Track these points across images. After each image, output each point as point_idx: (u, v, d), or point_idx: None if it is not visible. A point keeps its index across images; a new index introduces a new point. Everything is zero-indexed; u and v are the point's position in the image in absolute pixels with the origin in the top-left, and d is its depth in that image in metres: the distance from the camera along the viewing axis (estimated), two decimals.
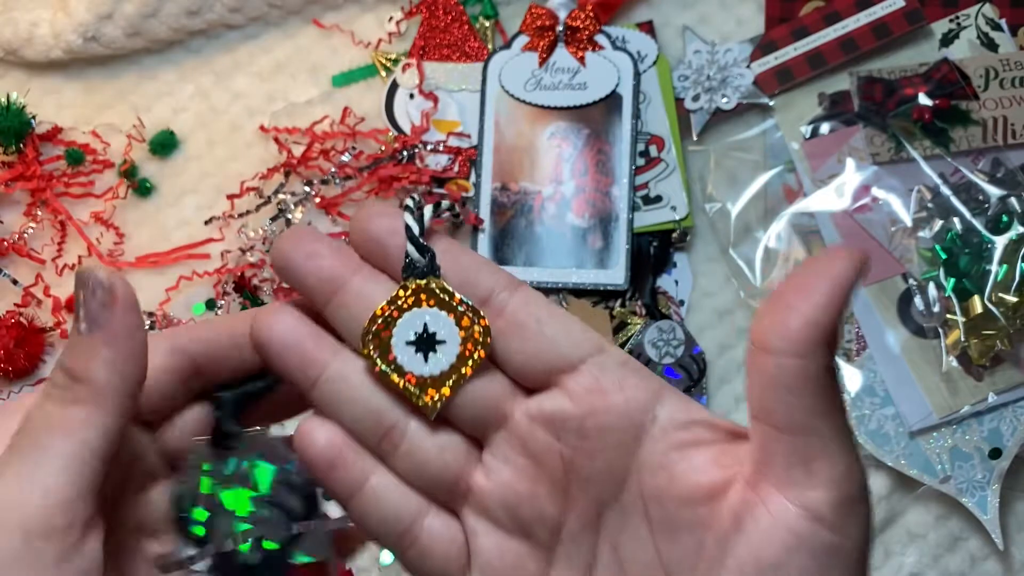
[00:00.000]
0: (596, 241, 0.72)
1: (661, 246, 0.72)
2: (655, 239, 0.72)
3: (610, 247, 0.72)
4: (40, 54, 0.73)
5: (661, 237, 0.72)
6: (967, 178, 0.70)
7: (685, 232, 0.72)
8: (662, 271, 0.73)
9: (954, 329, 0.69)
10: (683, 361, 0.71)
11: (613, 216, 0.72)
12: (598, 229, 0.72)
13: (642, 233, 0.72)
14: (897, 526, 0.70)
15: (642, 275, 0.72)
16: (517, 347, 0.36)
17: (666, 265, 0.73)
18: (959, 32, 0.73)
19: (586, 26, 0.73)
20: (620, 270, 0.71)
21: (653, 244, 0.72)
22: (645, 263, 0.72)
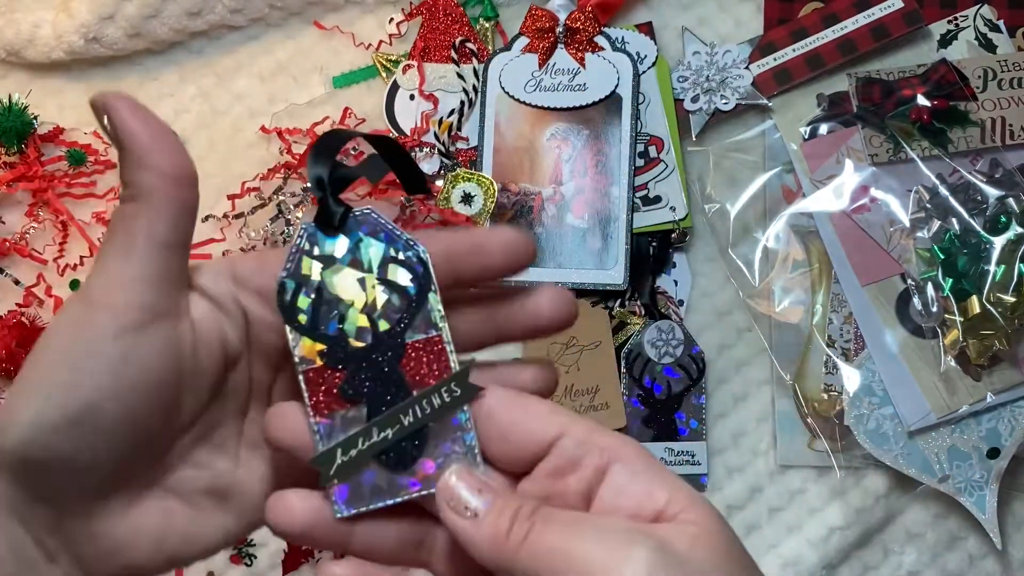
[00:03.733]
0: (595, 241, 0.72)
1: (660, 246, 0.73)
2: (654, 239, 0.73)
3: (609, 247, 0.72)
4: (42, 55, 0.73)
5: (660, 237, 0.73)
6: (965, 179, 0.70)
7: (684, 232, 0.73)
8: (661, 271, 0.73)
9: (952, 329, 0.69)
10: (682, 361, 0.72)
11: (612, 216, 0.72)
12: (598, 229, 0.72)
13: (642, 233, 0.72)
14: (896, 525, 0.71)
15: (642, 275, 0.72)
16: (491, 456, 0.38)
17: (665, 265, 0.73)
18: (957, 33, 0.73)
19: (586, 28, 0.73)
20: (619, 270, 0.72)
21: (652, 244, 0.72)
22: (645, 263, 0.72)
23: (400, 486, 0.38)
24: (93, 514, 0.37)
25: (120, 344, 0.36)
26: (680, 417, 0.71)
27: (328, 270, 0.38)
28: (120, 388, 0.36)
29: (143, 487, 0.38)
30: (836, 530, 0.70)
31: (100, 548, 0.38)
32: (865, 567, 0.70)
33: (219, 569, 0.69)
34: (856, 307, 0.70)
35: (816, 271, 0.72)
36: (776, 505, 0.71)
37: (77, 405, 0.35)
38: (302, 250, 0.38)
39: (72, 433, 0.35)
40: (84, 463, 0.36)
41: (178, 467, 0.39)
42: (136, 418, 0.36)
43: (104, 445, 0.36)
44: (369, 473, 0.38)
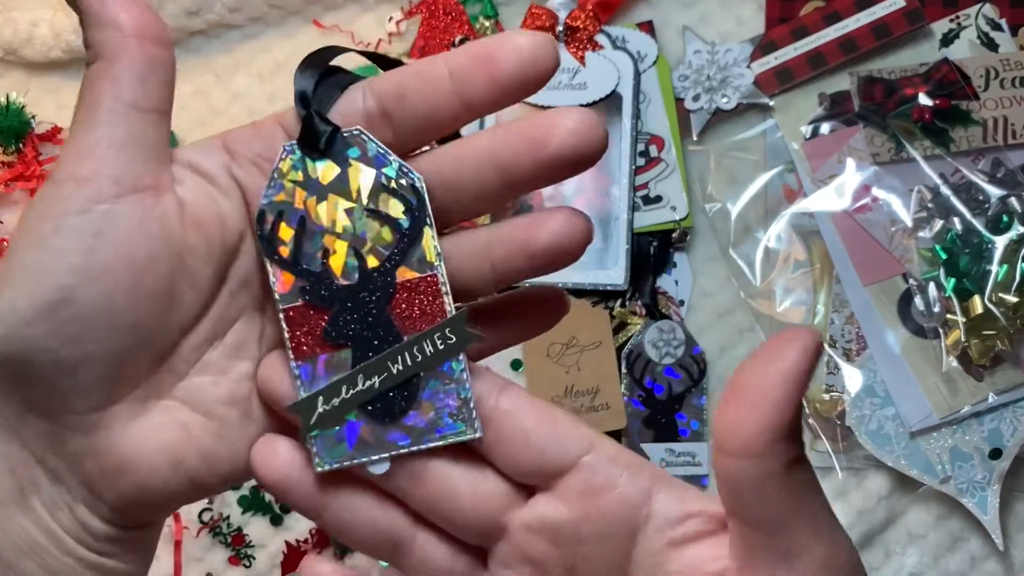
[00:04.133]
0: (596, 241, 0.72)
1: (661, 246, 0.72)
2: (655, 239, 0.72)
3: (610, 247, 0.72)
4: (40, 54, 0.73)
5: (661, 237, 0.72)
6: (967, 178, 0.70)
7: (685, 232, 0.72)
8: (662, 271, 0.73)
9: (954, 329, 0.69)
10: (683, 361, 0.71)
11: (613, 216, 0.72)
12: (598, 229, 0.72)
13: (642, 233, 0.72)
14: (897, 526, 0.70)
15: (642, 275, 0.72)
16: (506, 458, 0.35)
17: (666, 265, 0.73)
18: (959, 32, 0.73)
19: (586, 26, 0.73)
20: (620, 270, 0.71)
21: (653, 244, 0.72)
22: (645, 263, 0.72)
23: (387, 441, 0.35)
24: (96, 426, 0.34)
25: (89, 218, 0.32)
26: (681, 418, 0.71)
27: (312, 197, 0.34)
28: (94, 268, 0.32)
29: (150, 395, 0.35)
30: None
31: (107, 466, 0.34)
32: (867, 568, 0.70)
33: (218, 570, 0.69)
34: (858, 307, 0.70)
35: (817, 271, 0.71)
36: None
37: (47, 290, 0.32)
38: (284, 174, 0.34)
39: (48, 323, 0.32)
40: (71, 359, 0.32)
41: (190, 373, 0.35)
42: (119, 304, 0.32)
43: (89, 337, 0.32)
44: (353, 424, 0.35)
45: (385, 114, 0.34)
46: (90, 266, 0.32)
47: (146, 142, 0.33)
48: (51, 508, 0.35)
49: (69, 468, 0.34)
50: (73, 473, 0.34)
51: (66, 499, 0.35)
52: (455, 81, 0.33)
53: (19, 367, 0.32)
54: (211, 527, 0.68)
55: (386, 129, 0.34)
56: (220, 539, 0.69)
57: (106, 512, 0.35)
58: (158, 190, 0.33)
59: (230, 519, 0.69)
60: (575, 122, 0.32)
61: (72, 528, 0.35)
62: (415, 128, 0.34)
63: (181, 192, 0.34)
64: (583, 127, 0.32)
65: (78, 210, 0.32)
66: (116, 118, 0.33)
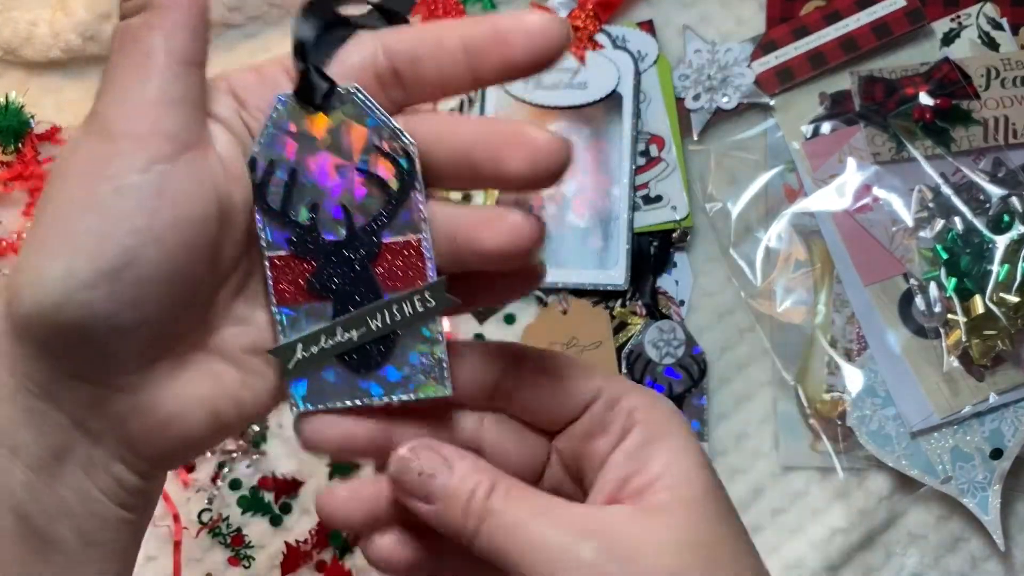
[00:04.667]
0: (596, 241, 0.72)
1: (661, 246, 0.72)
2: (655, 239, 0.72)
3: (610, 247, 0.72)
4: (39, 53, 0.73)
5: (661, 237, 0.72)
6: (968, 178, 0.70)
7: (685, 232, 0.72)
8: (662, 271, 0.73)
9: (955, 329, 0.69)
10: (683, 361, 0.71)
11: (613, 216, 0.72)
12: (598, 229, 0.72)
13: (642, 233, 0.72)
14: (898, 527, 0.70)
15: (642, 275, 0.72)
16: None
17: (666, 265, 0.73)
18: (960, 31, 0.73)
19: (586, 25, 0.73)
20: (620, 270, 0.71)
21: (653, 244, 0.72)
22: (645, 263, 0.72)
23: (361, 390, 0.36)
24: (139, 386, 0.34)
25: (151, 177, 0.31)
26: None
27: (305, 151, 0.35)
28: (158, 229, 0.31)
29: (189, 350, 0.35)
30: (838, 532, 0.70)
31: (149, 422, 0.34)
32: (867, 569, 0.70)
33: (217, 570, 0.69)
34: (858, 307, 0.70)
35: (818, 271, 0.71)
36: (778, 507, 0.71)
37: (112, 254, 0.31)
38: (278, 125, 0.35)
39: (111, 288, 0.31)
40: (128, 322, 0.32)
41: (222, 324, 0.36)
42: (180, 264, 0.32)
43: (149, 299, 0.32)
44: (330, 372, 0.36)
45: (396, 74, 0.34)
46: (152, 227, 0.32)
47: (194, 98, 0.33)
48: (88, 470, 0.35)
49: (111, 428, 0.34)
50: (115, 433, 0.34)
51: (104, 460, 0.35)
52: (468, 55, 0.33)
53: (74, 334, 0.32)
54: (211, 527, 0.68)
55: (396, 89, 0.35)
56: (220, 539, 0.69)
57: (143, 466, 0.35)
58: (205, 146, 0.33)
59: (230, 519, 0.69)
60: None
61: (108, 487, 0.35)
62: (423, 91, 0.35)
63: (218, 147, 0.34)
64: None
65: (139, 169, 0.31)
66: (171, 75, 0.32)
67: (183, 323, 0.34)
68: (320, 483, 0.69)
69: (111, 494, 0.35)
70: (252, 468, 0.69)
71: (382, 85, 0.35)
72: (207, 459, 0.69)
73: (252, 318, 0.36)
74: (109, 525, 0.36)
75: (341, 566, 0.69)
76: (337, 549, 0.69)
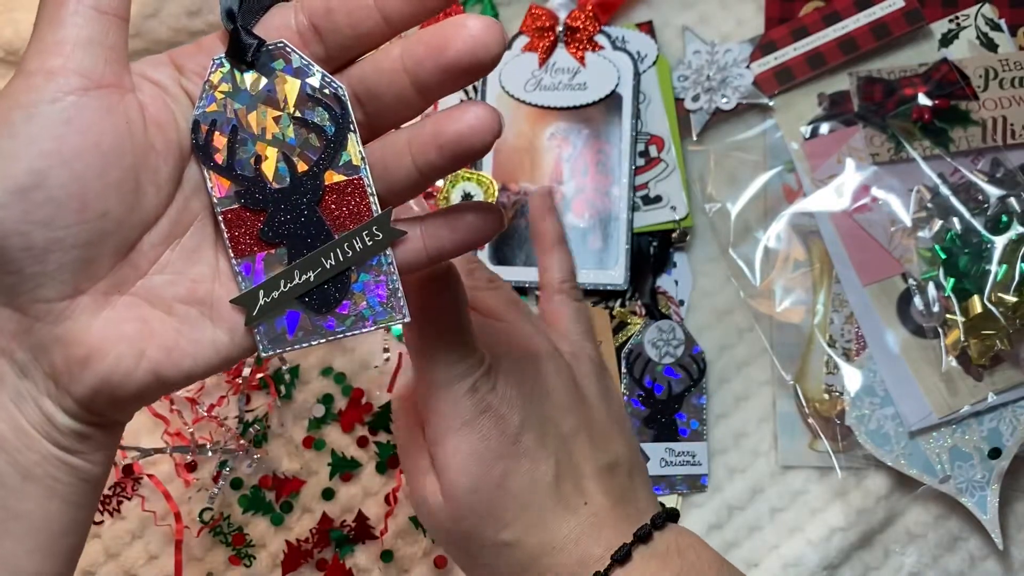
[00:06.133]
0: (596, 241, 0.72)
1: (661, 246, 0.72)
2: (655, 239, 0.72)
3: (610, 247, 0.72)
4: None
5: (661, 237, 0.73)
6: (967, 178, 0.70)
7: (685, 232, 0.73)
8: (662, 271, 0.73)
9: (954, 329, 0.69)
10: (683, 361, 0.71)
11: (613, 216, 0.72)
12: (598, 229, 0.72)
13: (642, 233, 0.72)
14: (897, 526, 0.70)
15: (642, 275, 0.72)
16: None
17: (666, 265, 0.73)
18: (959, 32, 0.73)
19: (586, 26, 0.73)
20: (620, 270, 0.71)
21: (653, 244, 0.72)
22: (645, 263, 0.72)
23: (323, 328, 0.38)
24: (60, 317, 0.36)
25: (59, 107, 0.34)
26: (681, 417, 0.71)
27: (243, 107, 0.37)
28: (65, 153, 0.34)
29: (113, 290, 0.37)
30: (837, 531, 0.70)
31: (72, 356, 0.36)
32: (866, 568, 0.70)
33: (218, 570, 0.69)
34: (857, 307, 0.70)
35: (817, 271, 0.72)
36: (777, 506, 0.71)
37: (20, 172, 0.34)
38: (215, 86, 0.37)
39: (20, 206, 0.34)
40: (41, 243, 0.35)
41: (149, 271, 0.38)
42: (88, 191, 0.35)
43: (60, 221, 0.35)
44: (292, 314, 0.38)
45: (315, 29, 0.37)
46: (60, 151, 0.34)
47: (107, 43, 0.36)
48: (18, 402, 0.37)
49: (36, 359, 0.37)
50: (40, 365, 0.37)
51: (33, 393, 0.37)
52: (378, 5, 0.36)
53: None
54: (212, 526, 0.68)
55: (316, 44, 0.37)
56: (220, 539, 0.69)
57: (72, 406, 0.37)
58: (121, 88, 0.36)
59: (230, 519, 0.69)
60: (474, 28, 0.35)
61: (39, 422, 0.37)
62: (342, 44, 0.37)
63: (140, 96, 0.37)
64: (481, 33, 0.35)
65: (49, 99, 0.34)
66: (80, 19, 0.35)
67: (102, 254, 0.36)
68: (321, 482, 0.70)
69: (43, 430, 0.37)
70: (253, 467, 0.69)
71: (304, 42, 0.37)
72: (209, 458, 0.69)
73: (188, 269, 0.38)
74: (46, 462, 0.37)
75: (342, 565, 0.69)
76: (337, 546, 0.69)
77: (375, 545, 0.69)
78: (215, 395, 0.69)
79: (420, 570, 0.69)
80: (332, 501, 0.70)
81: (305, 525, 0.69)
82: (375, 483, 0.70)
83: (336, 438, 0.70)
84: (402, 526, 0.69)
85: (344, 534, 0.69)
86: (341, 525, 0.69)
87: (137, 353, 0.37)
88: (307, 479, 0.70)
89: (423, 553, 0.69)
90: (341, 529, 0.69)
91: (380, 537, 0.69)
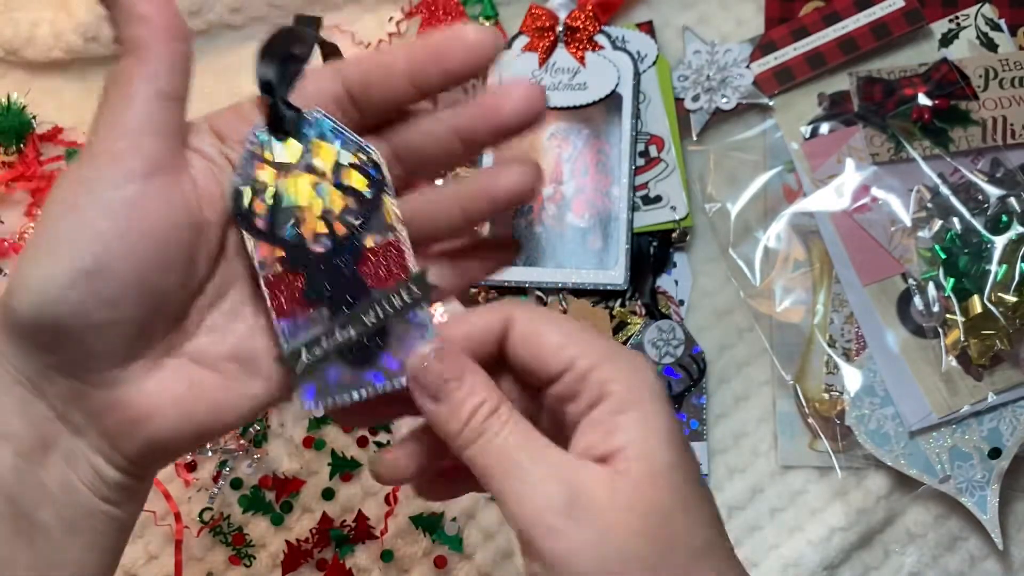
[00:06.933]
0: (596, 241, 0.72)
1: (661, 246, 0.72)
2: (655, 239, 0.72)
3: (610, 247, 0.72)
4: (41, 54, 0.73)
5: (661, 237, 0.73)
6: (967, 178, 0.70)
7: (685, 232, 0.73)
8: (662, 271, 0.73)
9: (953, 329, 0.69)
10: (683, 361, 0.71)
11: (613, 216, 0.72)
12: (598, 229, 0.72)
13: (642, 233, 0.72)
14: (897, 526, 0.70)
15: (642, 275, 0.72)
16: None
17: (666, 265, 0.73)
18: (959, 32, 0.73)
19: (586, 26, 0.73)
20: (620, 270, 0.71)
21: (653, 244, 0.72)
22: (645, 263, 0.72)
23: (365, 381, 0.39)
24: (115, 382, 0.37)
25: (125, 192, 0.36)
26: (681, 417, 0.71)
27: (282, 175, 0.38)
28: (129, 238, 0.36)
29: (164, 354, 0.38)
30: (837, 531, 0.70)
31: (124, 418, 0.38)
32: (866, 568, 0.70)
33: (218, 569, 0.69)
34: (857, 307, 0.70)
35: (817, 271, 0.72)
36: (777, 506, 0.71)
37: (86, 257, 0.35)
38: (255, 156, 0.38)
39: (85, 288, 0.35)
40: (102, 320, 0.36)
41: (197, 333, 0.39)
42: (149, 271, 0.36)
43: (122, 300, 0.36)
44: (335, 370, 0.39)
45: (351, 98, 0.39)
46: (126, 236, 0.36)
47: (171, 127, 0.37)
48: (70, 460, 0.38)
49: (90, 422, 0.38)
50: (94, 426, 0.38)
51: (84, 451, 0.38)
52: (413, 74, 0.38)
53: (53, 331, 0.36)
54: (212, 526, 0.68)
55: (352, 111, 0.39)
56: (220, 539, 0.69)
57: (122, 462, 0.39)
58: (179, 170, 0.37)
59: (231, 519, 0.69)
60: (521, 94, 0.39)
61: (89, 479, 0.38)
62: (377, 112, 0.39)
63: (192, 171, 0.38)
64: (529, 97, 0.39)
65: (115, 185, 0.36)
66: (150, 105, 0.37)
67: (157, 326, 0.38)
68: (321, 482, 0.70)
69: (92, 486, 0.39)
70: (253, 467, 0.69)
71: (340, 107, 0.39)
72: (209, 458, 0.69)
73: (229, 328, 0.40)
74: (91, 515, 0.39)
75: (342, 565, 0.69)
76: (337, 546, 0.69)
77: (375, 545, 0.69)
78: None
79: (420, 570, 0.69)
80: (332, 501, 0.70)
81: (305, 525, 0.69)
82: (375, 483, 0.70)
83: (336, 438, 0.70)
84: (402, 526, 0.69)
85: (344, 534, 0.69)
86: (341, 525, 0.69)
87: (187, 414, 0.38)
88: (307, 479, 0.70)
89: (423, 553, 0.69)
90: (341, 529, 0.69)
91: (380, 537, 0.69)
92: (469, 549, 0.70)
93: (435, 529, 0.69)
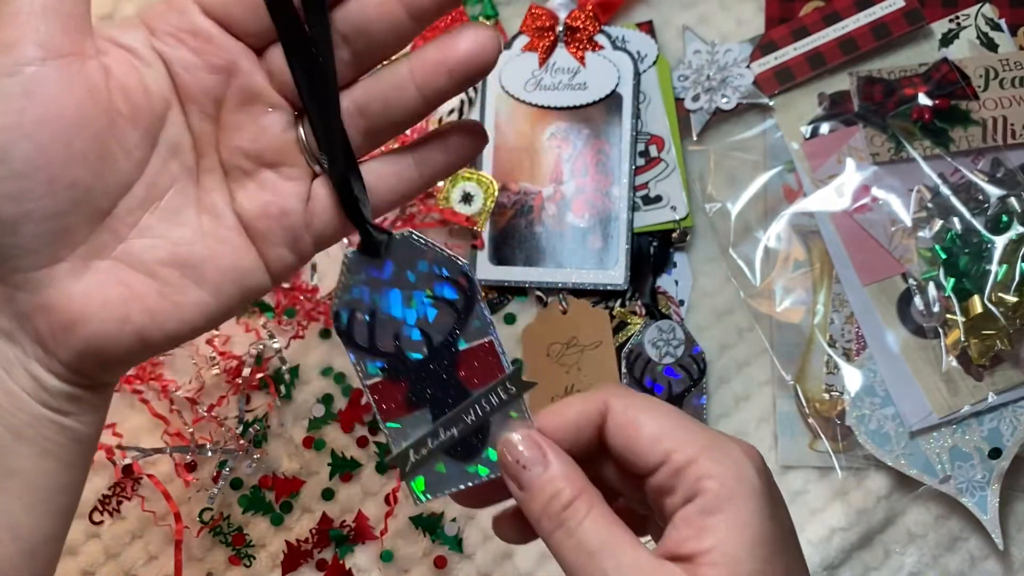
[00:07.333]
0: (596, 241, 0.72)
1: (661, 246, 0.72)
2: (655, 239, 0.72)
3: (610, 247, 0.72)
4: None
5: (661, 237, 0.72)
6: (967, 178, 0.70)
7: (685, 232, 0.73)
8: (662, 271, 0.73)
9: (954, 329, 0.69)
10: (683, 361, 0.71)
11: (613, 216, 0.72)
12: (598, 229, 0.72)
13: (642, 233, 0.72)
14: (897, 526, 0.70)
15: (642, 275, 0.72)
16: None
17: (666, 265, 0.73)
18: (959, 32, 0.73)
19: (586, 26, 0.73)
20: (620, 270, 0.71)
21: (653, 244, 0.72)
22: (645, 263, 0.72)
23: (470, 473, 0.42)
24: (40, 284, 0.37)
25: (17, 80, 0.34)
26: None
27: (378, 292, 0.41)
28: (26, 125, 0.34)
29: (92, 256, 0.37)
30: (837, 531, 0.70)
31: (56, 321, 0.37)
32: (866, 568, 0.70)
33: (218, 570, 0.69)
34: (857, 307, 0.70)
35: (817, 271, 0.72)
36: None
37: None
38: (350, 277, 0.41)
39: None
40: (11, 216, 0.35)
41: (129, 235, 0.38)
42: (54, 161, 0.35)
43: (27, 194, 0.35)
44: (441, 464, 0.42)
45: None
46: (22, 124, 0.34)
47: (64, 11, 0.36)
48: (7, 367, 0.38)
49: (21, 327, 0.37)
50: (25, 332, 0.37)
51: (20, 358, 0.38)
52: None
53: None
54: (212, 527, 0.68)
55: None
56: (220, 539, 0.69)
57: (60, 369, 0.38)
58: (82, 56, 0.36)
59: (230, 519, 0.69)
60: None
61: (28, 386, 0.38)
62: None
63: (105, 61, 0.37)
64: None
65: (6, 72, 0.34)
66: None
67: (77, 223, 0.37)
68: (320, 483, 0.70)
69: (32, 392, 0.38)
70: (253, 467, 0.69)
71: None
72: (209, 458, 0.69)
73: (169, 232, 0.38)
74: (36, 422, 0.38)
75: (342, 565, 0.69)
76: (337, 547, 0.69)
77: (375, 545, 0.69)
78: (215, 395, 0.69)
79: (420, 570, 0.69)
80: (332, 501, 0.70)
81: (305, 525, 0.69)
82: (375, 483, 0.70)
83: (336, 438, 0.70)
84: (402, 526, 0.69)
85: (344, 534, 0.69)
86: (341, 525, 0.69)
87: (121, 317, 0.37)
88: (307, 479, 0.70)
89: (423, 553, 0.69)
90: (341, 529, 0.69)
91: (380, 537, 0.69)
92: (469, 549, 0.70)
93: (435, 529, 0.69)
